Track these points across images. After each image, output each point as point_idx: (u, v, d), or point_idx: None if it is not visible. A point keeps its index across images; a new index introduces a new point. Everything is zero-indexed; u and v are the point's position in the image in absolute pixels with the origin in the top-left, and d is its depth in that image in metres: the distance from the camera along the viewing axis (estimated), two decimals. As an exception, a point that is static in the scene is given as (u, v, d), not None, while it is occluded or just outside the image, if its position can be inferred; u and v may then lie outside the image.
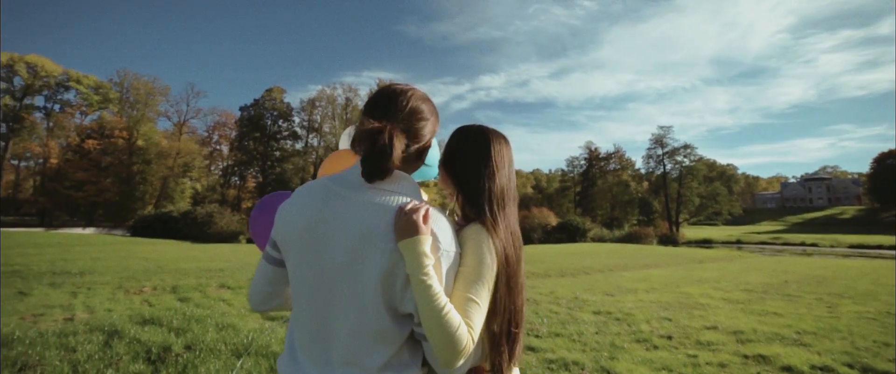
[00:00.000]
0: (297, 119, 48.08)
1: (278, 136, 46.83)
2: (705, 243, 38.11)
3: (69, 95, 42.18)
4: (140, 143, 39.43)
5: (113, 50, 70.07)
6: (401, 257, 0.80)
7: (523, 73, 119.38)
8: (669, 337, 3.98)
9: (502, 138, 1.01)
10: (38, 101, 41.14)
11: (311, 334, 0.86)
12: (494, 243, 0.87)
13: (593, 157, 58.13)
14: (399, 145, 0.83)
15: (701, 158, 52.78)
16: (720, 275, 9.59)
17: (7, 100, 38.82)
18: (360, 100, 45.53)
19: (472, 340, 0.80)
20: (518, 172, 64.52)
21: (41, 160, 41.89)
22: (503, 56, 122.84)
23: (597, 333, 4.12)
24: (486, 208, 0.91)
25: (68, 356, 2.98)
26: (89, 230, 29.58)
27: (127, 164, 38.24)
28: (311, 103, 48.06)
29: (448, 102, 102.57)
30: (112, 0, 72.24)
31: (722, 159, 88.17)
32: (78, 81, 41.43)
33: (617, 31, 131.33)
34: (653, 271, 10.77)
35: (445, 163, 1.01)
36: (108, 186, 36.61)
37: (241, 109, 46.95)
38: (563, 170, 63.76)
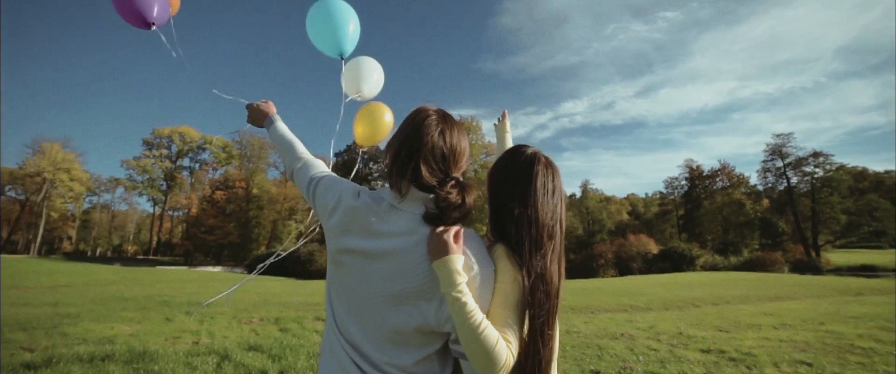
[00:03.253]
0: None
1: (369, 177, 50.97)
2: (865, 271, 30.39)
3: (205, 155, 51.94)
4: (255, 191, 45.93)
5: (234, 112, 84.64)
6: (436, 278, 0.83)
7: (607, 95, 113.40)
8: (809, 385, 3.20)
9: (546, 170, 0.95)
10: (185, 162, 51.42)
11: (342, 326, 0.92)
12: (525, 274, 0.85)
13: (695, 175, 51.82)
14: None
15: (842, 167, 42.87)
16: (892, 311, 7.52)
17: (167, 163, 49.26)
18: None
19: (512, 355, 0.79)
20: (611, 199, 60.65)
21: (186, 210, 51.36)
22: (584, 80, 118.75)
23: (707, 375, 3.50)
24: (517, 241, 0.89)
25: (191, 374, 3.47)
26: (218, 269, 34.74)
27: (245, 210, 44.65)
28: (398, 145, 51.78)
29: (531, 132, 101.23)
30: (236, 75, 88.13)
31: (875, 166, 70.30)
32: (211, 143, 50.91)
33: (708, 38, 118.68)
34: (784, 303, 8.93)
35: (489, 180, 1.02)
36: (231, 230, 43.00)
37: (336, 155, 52.36)
38: (661, 192, 57.96)
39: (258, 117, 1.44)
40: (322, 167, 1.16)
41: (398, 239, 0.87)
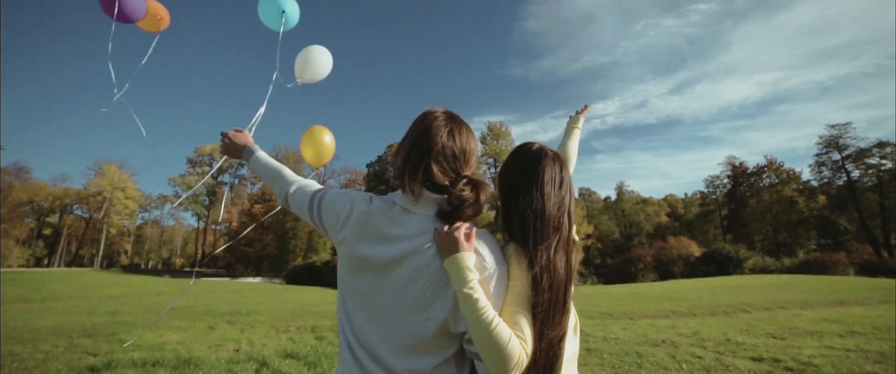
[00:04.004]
0: (415, 169, 52.77)
1: (405, 189, 51.67)
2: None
3: (243, 171, 54.62)
4: (291, 204, 47.77)
5: (269, 129, 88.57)
6: (448, 276, 0.83)
7: (639, 94, 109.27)
8: (882, 398, 2.88)
9: (553, 164, 0.96)
10: (225, 178, 54.28)
11: (360, 336, 0.92)
12: (528, 265, 0.86)
13: (739, 173, 48.88)
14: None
15: (917, 156, 38.35)
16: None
17: (209, 180, 52.20)
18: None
19: (526, 353, 0.78)
20: (649, 201, 58.48)
21: (227, 224, 54.08)
22: (614, 80, 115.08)
23: (760, 386, 3.23)
24: (522, 233, 0.89)
25: (232, 381, 3.61)
26: (258, 279, 36.25)
27: (282, 222, 46.42)
28: (427, 153, 52.37)
29: (562, 135, 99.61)
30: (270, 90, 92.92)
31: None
32: (250, 159, 53.56)
33: (747, 28, 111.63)
34: (851, 309, 8.16)
35: (498, 178, 1.03)
36: (269, 242, 44.79)
37: (368, 165, 53.57)
38: (702, 192, 55.14)
39: (234, 149, 1.32)
40: (318, 186, 1.13)
41: (411, 241, 0.87)
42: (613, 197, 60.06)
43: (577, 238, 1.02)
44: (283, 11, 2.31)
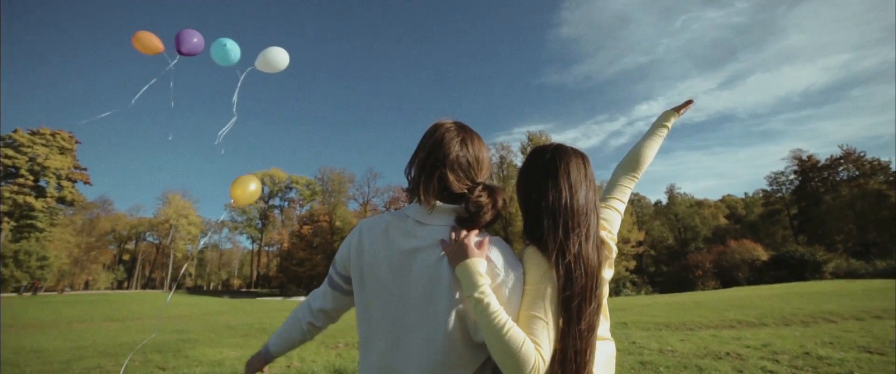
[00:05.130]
0: (456, 184, 53.15)
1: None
2: None
3: (292, 194, 57.69)
4: (337, 223, 49.50)
5: (316, 152, 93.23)
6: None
7: (685, 91, 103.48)
8: None
9: (576, 159, 0.96)
10: (275, 201, 57.53)
11: (385, 363, 0.88)
12: (550, 265, 0.84)
13: (808, 167, 44.44)
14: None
15: None
16: None
17: (261, 204, 55.61)
18: (513, 156, 46.88)
19: (542, 358, 0.76)
20: (704, 203, 54.58)
21: (279, 245, 56.99)
22: (657, 79, 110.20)
23: (850, 405, 2.84)
24: (542, 232, 0.88)
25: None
26: (309, 297, 37.65)
27: (330, 242, 48.19)
28: (468, 166, 52.59)
29: (605, 140, 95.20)
30: (314, 116, 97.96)
31: None
32: (296, 182, 56.46)
33: (806, 9, 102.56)
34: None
35: (517, 182, 1.03)
36: (318, 261, 46.57)
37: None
38: (765, 190, 50.56)
39: (257, 364, 1.22)
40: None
41: (426, 252, 0.87)
42: (664, 201, 56.70)
43: (607, 239, 0.98)
44: (225, 45, 2.95)
